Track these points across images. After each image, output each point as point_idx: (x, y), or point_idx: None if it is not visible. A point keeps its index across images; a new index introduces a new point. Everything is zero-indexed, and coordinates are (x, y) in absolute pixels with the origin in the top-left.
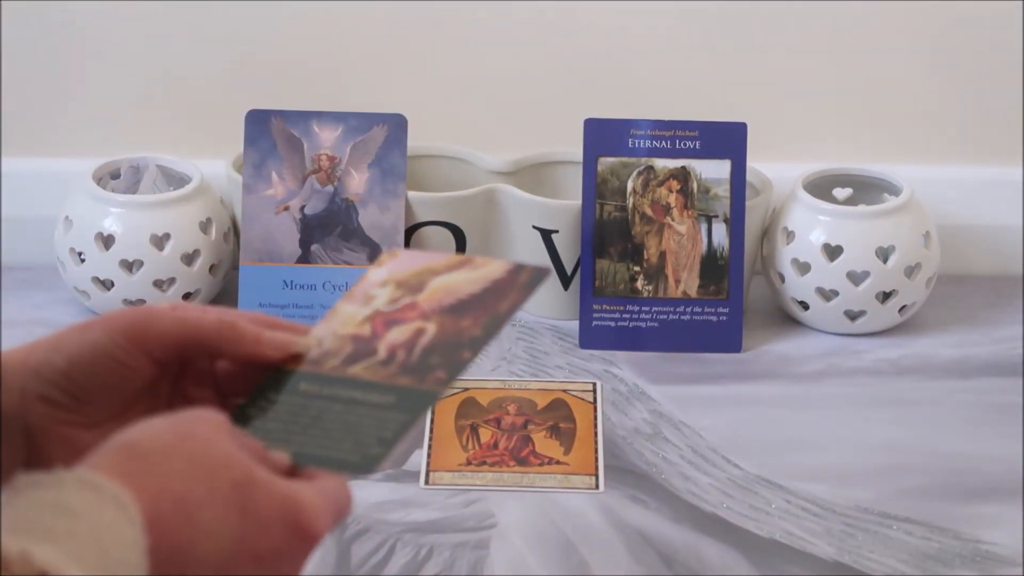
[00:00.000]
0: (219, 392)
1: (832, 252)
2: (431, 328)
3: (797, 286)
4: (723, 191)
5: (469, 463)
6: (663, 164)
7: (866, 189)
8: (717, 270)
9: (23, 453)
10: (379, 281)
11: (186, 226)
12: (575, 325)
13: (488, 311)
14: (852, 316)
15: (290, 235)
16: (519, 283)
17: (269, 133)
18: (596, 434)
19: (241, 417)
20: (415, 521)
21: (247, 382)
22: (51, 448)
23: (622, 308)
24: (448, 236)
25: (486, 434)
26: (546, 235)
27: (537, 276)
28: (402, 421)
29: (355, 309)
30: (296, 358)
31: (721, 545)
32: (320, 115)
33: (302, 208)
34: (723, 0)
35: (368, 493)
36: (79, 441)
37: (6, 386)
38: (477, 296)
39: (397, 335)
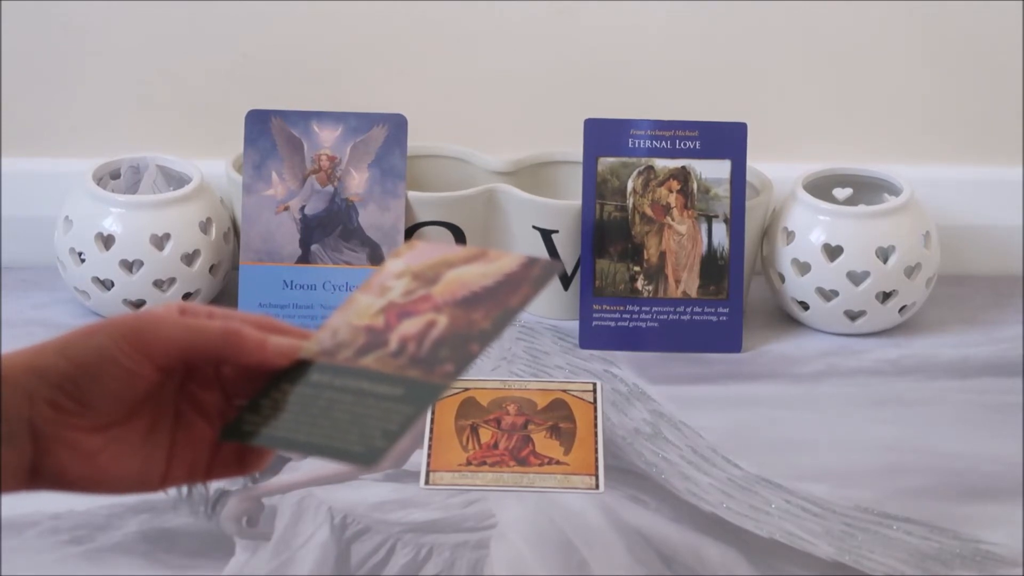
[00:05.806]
0: (226, 395)
1: (832, 252)
2: (442, 320)
3: (797, 286)
4: (723, 191)
5: (469, 463)
6: (663, 164)
7: (866, 189)
8: (717, 270)
9: (29, 455)
10: (396, 272)
11: (186, 226)
12: (575, 325)
13: (499, 305)
14: (852, 316)
15: (290, 235)
16: (531, 277)
17: (269, 133)
18: (596, 434)
19: (254, 407)
20: (415, 521)
21: (254, 385)
22: (58, 451)
23: (622, 308)
24: (448, 236)
25: (486, 434)
26: (546, 235)
27: (549, 270)
28: (408, 414)
29: (371, 300)
30: (300, 362)
31: (721, 545)
32: (320, 115)
33: (302, 208)
34: (723, 0)
35: (368, 493)
36: (86, 444)
37: (14, 388)
38: (490, 289)
39: (409, 327)
